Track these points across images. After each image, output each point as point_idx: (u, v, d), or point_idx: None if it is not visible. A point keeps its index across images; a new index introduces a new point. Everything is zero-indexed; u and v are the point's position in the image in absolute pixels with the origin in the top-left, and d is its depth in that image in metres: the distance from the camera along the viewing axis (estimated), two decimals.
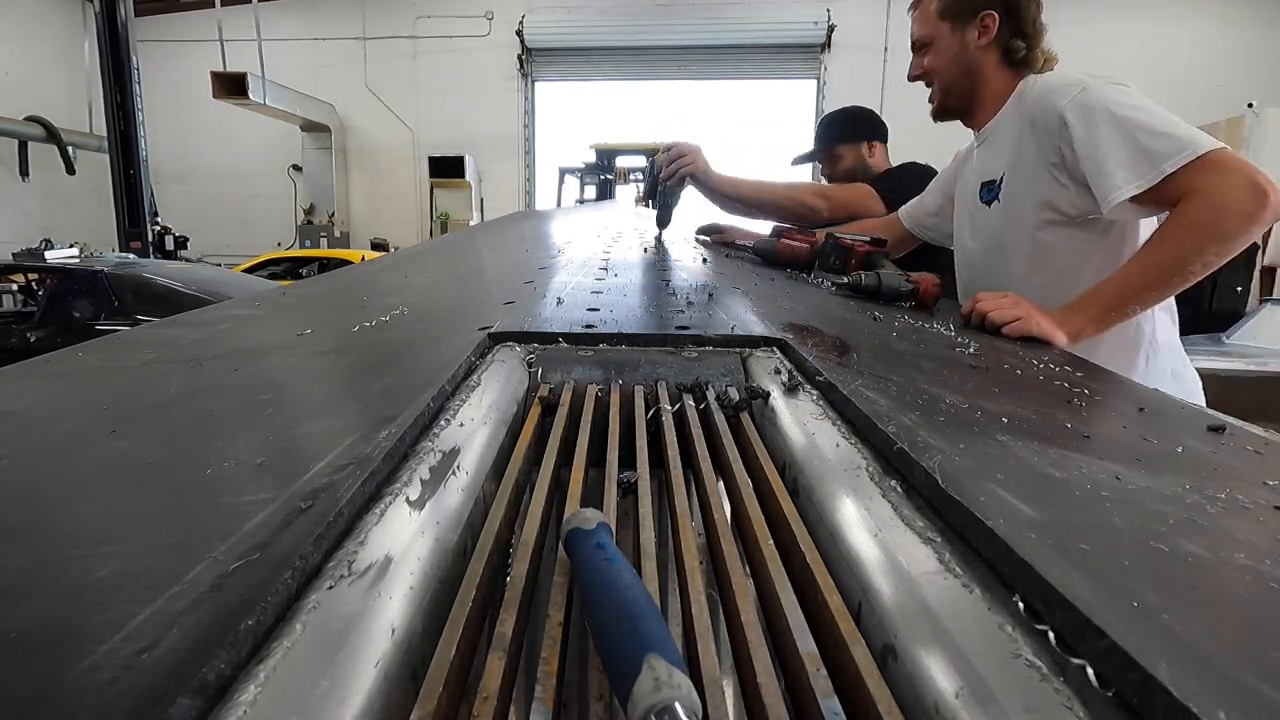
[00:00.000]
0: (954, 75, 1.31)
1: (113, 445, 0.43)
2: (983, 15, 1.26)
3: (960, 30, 1.28)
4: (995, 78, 1.29)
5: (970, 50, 1.28)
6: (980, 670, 0.27)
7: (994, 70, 1.29)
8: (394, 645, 0.29)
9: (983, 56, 1.28)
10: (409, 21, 10.22)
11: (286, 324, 0.86)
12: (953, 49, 1.30)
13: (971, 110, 1.35)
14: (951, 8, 1.28)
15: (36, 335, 4.30)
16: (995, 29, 1.26)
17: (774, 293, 1.14)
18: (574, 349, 0.72)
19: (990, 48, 1.27)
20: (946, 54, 1.31)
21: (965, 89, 1.32)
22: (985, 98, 1.32)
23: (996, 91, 1.30)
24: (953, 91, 1.33)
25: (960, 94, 1.33)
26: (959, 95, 1.33)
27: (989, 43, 1.27)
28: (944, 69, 1.32)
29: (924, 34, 1.33)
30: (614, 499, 0.46)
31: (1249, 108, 7.22)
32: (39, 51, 9.80)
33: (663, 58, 10.16)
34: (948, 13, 1.29)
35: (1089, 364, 0.78)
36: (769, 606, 0.36)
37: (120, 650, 0.23)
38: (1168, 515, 0.38)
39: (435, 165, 9.95)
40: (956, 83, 1.32)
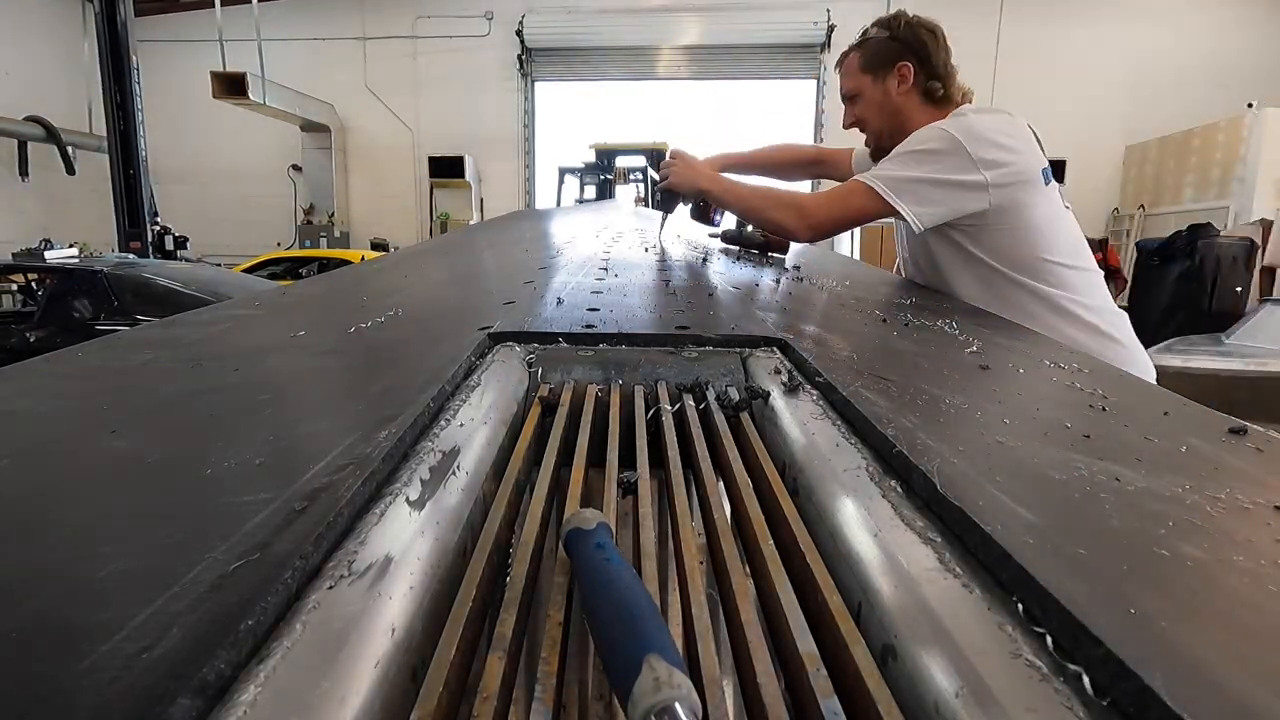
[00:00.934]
0: (882, 121, 1.46)
1: (113, 445, 0.43)
2: (898, 66, 1.40)
3: (881, 81, 1.43)
4: (919, 117, 1.41)
5: (893, 97, 1.43)
6: (980, 670, 0.27)
7: (917, 111, 1.42)
8: (394, 645, 0.29)
9: (905, 101, 1.42)
10: (409, 21, 10.22)
11: (286, 324, 0.86)
12: (877, 98, 1.44)
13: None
14: (871, 62, 1.43)
15: (36, 335, 4.29)
16: (912, 77, 1.40)
17: (773, 291, 1.15)
18: (574, 349, 0.72)
19: (911, 92, 1.42)
20: (873, 103, 1.45)
21: (894, 130, 1.44)
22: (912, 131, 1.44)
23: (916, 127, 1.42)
24: (884, 134, 1.47)
25: (891, 134, 1.44)
26: (890, 135, 1.44)
27: (909, 89, 1.41)
28: (873, 118, 1.47)
29: (851, 87, 1.48)
30: (614, 499, 0.46)
31: (1249, 107, 7.22)
32: (39, 51, 9.80)
33: (662, 58, 10.16)
34: (868, 67, 1.44)
35: (1095, 361, 0.77)
36: (769, 606, 0.36)
37: (120, 650, 0.23)
38: (1167, 517, 0.38)
39: (435, 165, 9.95)
40: (885, 125, 1.46)
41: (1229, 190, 7.39)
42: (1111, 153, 9.13)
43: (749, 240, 1.73)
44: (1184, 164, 8.11)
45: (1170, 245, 6.54)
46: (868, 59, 1.44)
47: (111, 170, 6.79)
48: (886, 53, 1.41)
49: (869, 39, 1.45)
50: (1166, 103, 8.74)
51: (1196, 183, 7.92)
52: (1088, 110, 8.96)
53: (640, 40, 9.99)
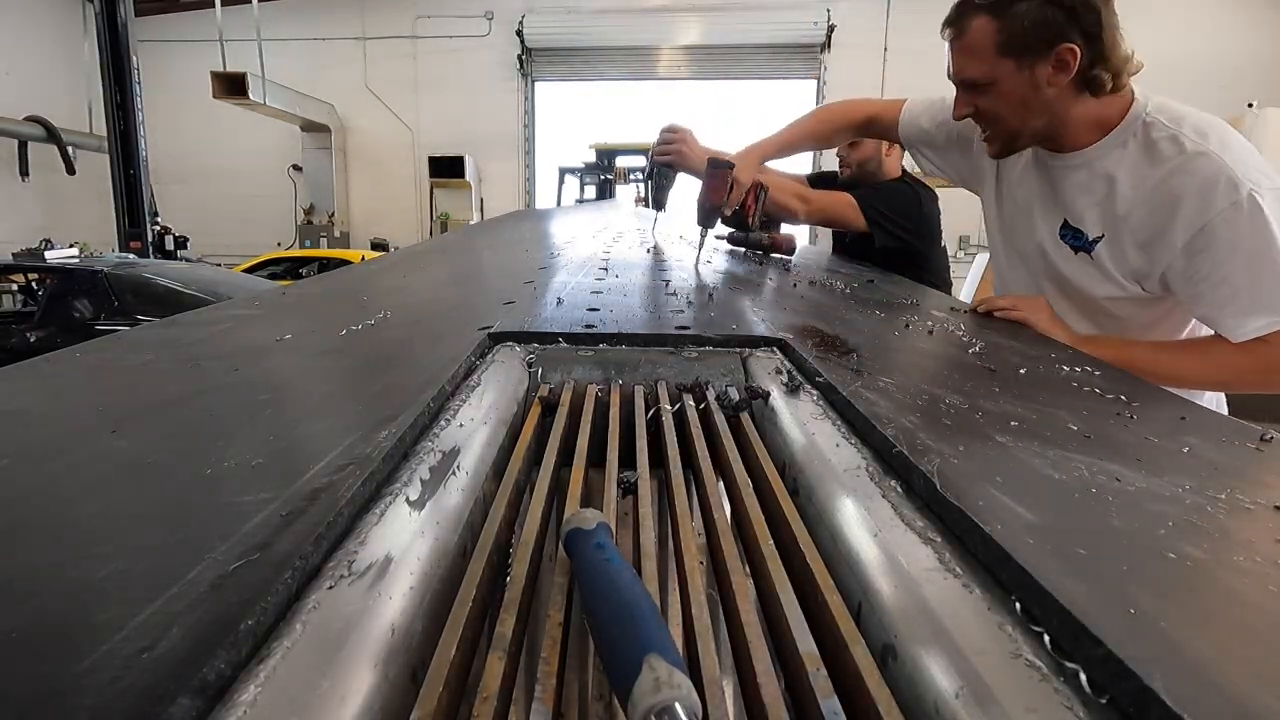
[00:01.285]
0: (1024, 119, 1.08)
1: (113, 445, 0.43)
2: (1058, 49, 1.00)
3: (1029, 68, 1.03)
4: (1077, 108, 1.06)
5: (1043, 90, 1.04)
6: (980, 670, 0.27)
7: (1074, 105, 1.05)
8: (394, 645, 0.29)
9: (1059, 94, 1.04)
10: (409, 21, 10.21)
11: (286, 324, 0.86)
12: (1020, 91, 1.05)
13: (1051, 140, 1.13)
14: (1017, 42, 1.02)
15: (36, 335, 4.29)
16: (1076, 62, 1.01)
17: (776, 291, 1.15)
18: (574, 349, 0.72)
19: (1070, 86, 1.03)
20: (1013, 97, 1.06)
21: (1039, 131, 1.09)
22: (1066, 124, 1.09)
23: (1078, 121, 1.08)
24: (1023, 135, 1.11)
25: (1033, 136, 1.11)
26: (1031, 137, 1.12)
27: (1069, 80, 1.02)
28: (1009, 114, 1.08)
29: (979, 73, 1.07)
30: (614, 499, 0.46)
31: (1249, 107, 7.21)
32: (39, 51, 9.79)
33: (662, 58, 10.15)
34: (1011, 47, 1.02)
35: (1094, 360, 0.77)
36: (769, 606, 0.36)
37: (120, 650, 0.23)
38: (1167, 517, 0.38)
39: (435, 165, 9.94)
40: (1028, 124, 1.09)
41: None
42: None
43: (754, 242, 1.73)
44: None
45: None
46: (1013, 36, 1.01)
47: (111, 170, 6.79)
48: (1044, 27, 0.99)
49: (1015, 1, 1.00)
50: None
51: None
52: None
53: (640, 40, 9.99)
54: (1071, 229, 1.15)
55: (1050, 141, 1.13)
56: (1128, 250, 1.07)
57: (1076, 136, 1.10)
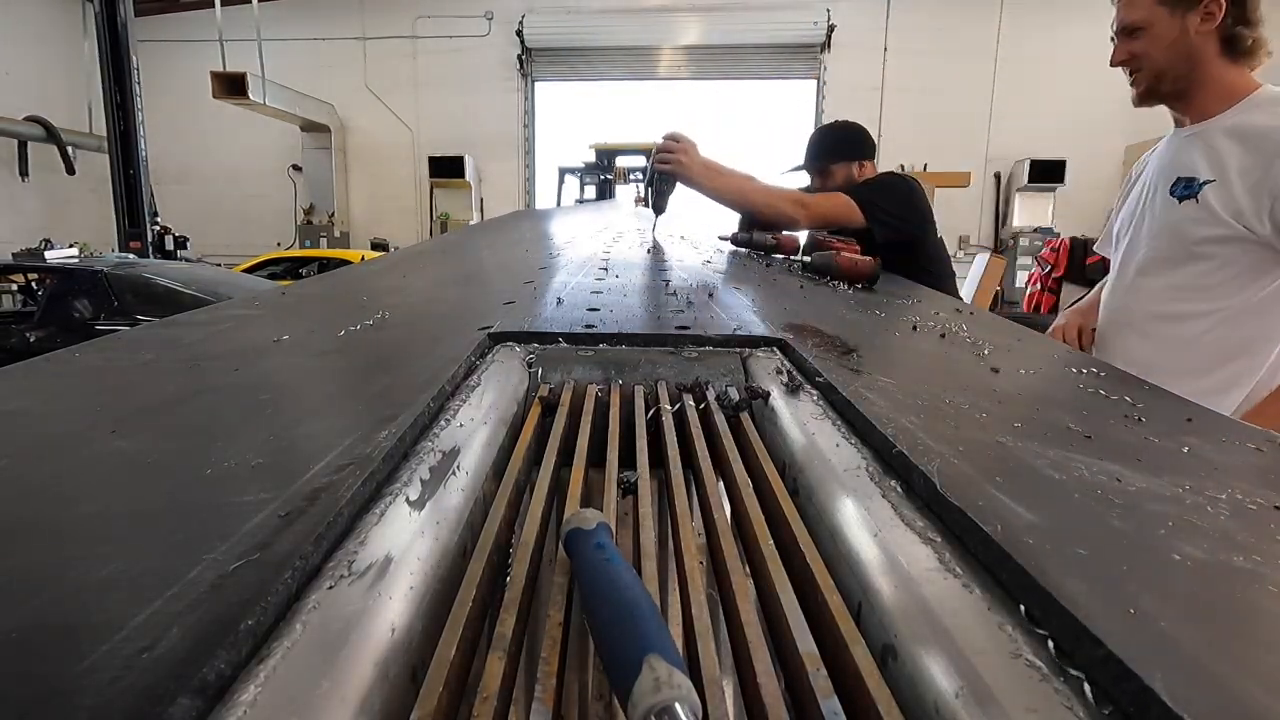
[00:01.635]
0: (1170, 62, 1.26)
1: (113, 445, 0.43)
2: (1207, 1, 1.20)
3: (1180, 15, 1.22)
4: (1214, 66, 1.23)
5: (1190, 36, 1.22)
6: (980, 670, 0.27)
7: (1213, 59, 1.23)
8: (394, 645, 0.29)
9: (1203, 44, 1.22)
10: (409, 21, 10.21)
11: (286, 324, 0.86)
12: (1170, 34, 1.23)
13: (1184, 98, 1.30)
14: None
15: (36, 335, 4.29)
16: (1220, 15, 1.20)
17: (775, 290, 1.14)
18: (574, 349, 0.72)
19: (1212, 35, 1.22)
20: (1163, 40, 1.24)
21: (1180, 76, 1.26)
22: (1201, 87, 1.26)
23: (1214, 81, 1.25)
24: (1166, 77, 1.28)
25: (1174, 80, 1.28)
26: (1173, 81, 1.28)
27: (1211, 29, 1.21)
28: (1158, 55, 1.26)
29: (1138, 18, 1.27)
30: (614, 499, 0.46)
31: None
32: (39, 51, 9.79)
33: (662, 58, 10.15)
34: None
35: (1096, 361, 0.77)
36: (769, 606, 0.36)
37: (120, 650, 0.23)
38: (1167, 517, 0.38)
39: (435, 165, 9.94)
40: (1172, 69, 1.26)
41: None
42: (1111, 153, 9.12)
43: (758, 243, 1.72)
44: None
45: None
46: None
47: (111, 170, 6.79)
48: None
49: None
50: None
51: None
52: (1088, 110, 8.94)
53: (640, 40, 9.99)
54: (1183, 180, 1.28)
55: (1184, 102, 1.30)
56: (1235, 191, 1.19)
57: (1206, 103, 1.26)
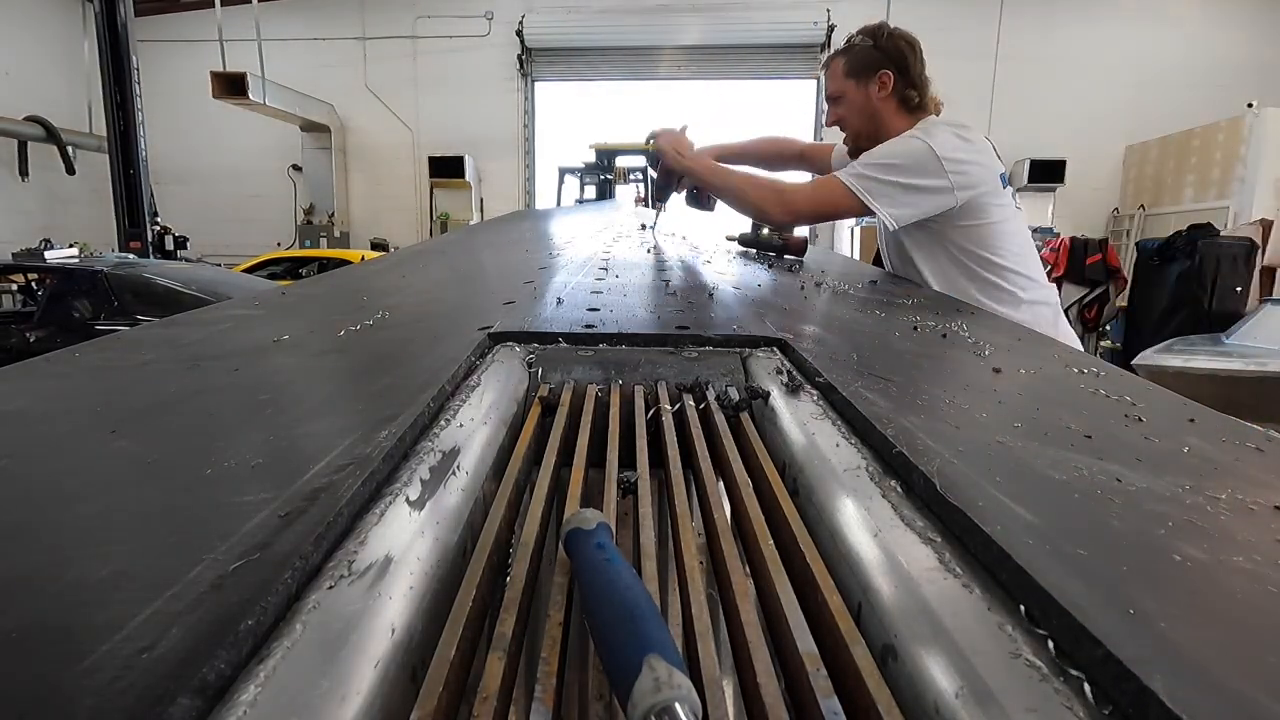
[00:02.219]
0: (862, 122, 1.61)
1: (113, 445, 0.43)
2: (879, 74, 1.55)
3: (864, 86, 1.58)
4: (895, 121, 1.57)
5: (873, 101, 1.57)
6: (980, 670, 0.27)
7: (894, 115, 1.57)
8: (394, 645, 0.29)
9: (883, 105, 1.57)
10: (409, 21, 10.20)
11: (286, 324, 0.86)
12: (859, 101, 1.59)
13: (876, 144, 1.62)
14: (854, 68, 1.58)
15: (36, 335, 4.29)
16: (891, 84, 1.55)
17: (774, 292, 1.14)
18: (574, 349, 0.72)
19: (889, 98, 1.57)
20: (855, 105, 1.60)
21: (872, 132, 1.60)
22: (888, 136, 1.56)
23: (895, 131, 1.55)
24: (862, 134, 1.62)
25: (869, 136, 1.60)
26: (868, 137, 1.60)
27: (887, 95, 1.56)
28: (852, 117, 1.62)
29: (835, 89, 1.63)
30: (614, 499, 0.46)
31: (1249, 107, 7.22)
32: (39, 51, 9.78)
33: (663, 58, 10.14)
34: (852, 72, 1.59)
35: (1096, 361, 0.77)
36: (769, 606, 0.36)
37: (120, 650, 0.23)
38: (1167, 517, 0.38)
39: (435, 165, 9.93)
40: (864, 127, 1.61)
41: (1229, 190, 7.39)
42: (1111, 153, 9.12)
43: (766, 243, 1.77)
44: (1184, 164, 8.10)
45: (1170, 245, 6.53)
46: (851, 65, 1.58)
47: (111, 170, 6.79)
48: (870, 60, 1.56)
49: (854, 46, 1.60)
50: (1166, 103, 8.73)
51: (1196, 183, 7.91)
52: (1088, 110, 8.94)
53: (640, 40, 9.98)
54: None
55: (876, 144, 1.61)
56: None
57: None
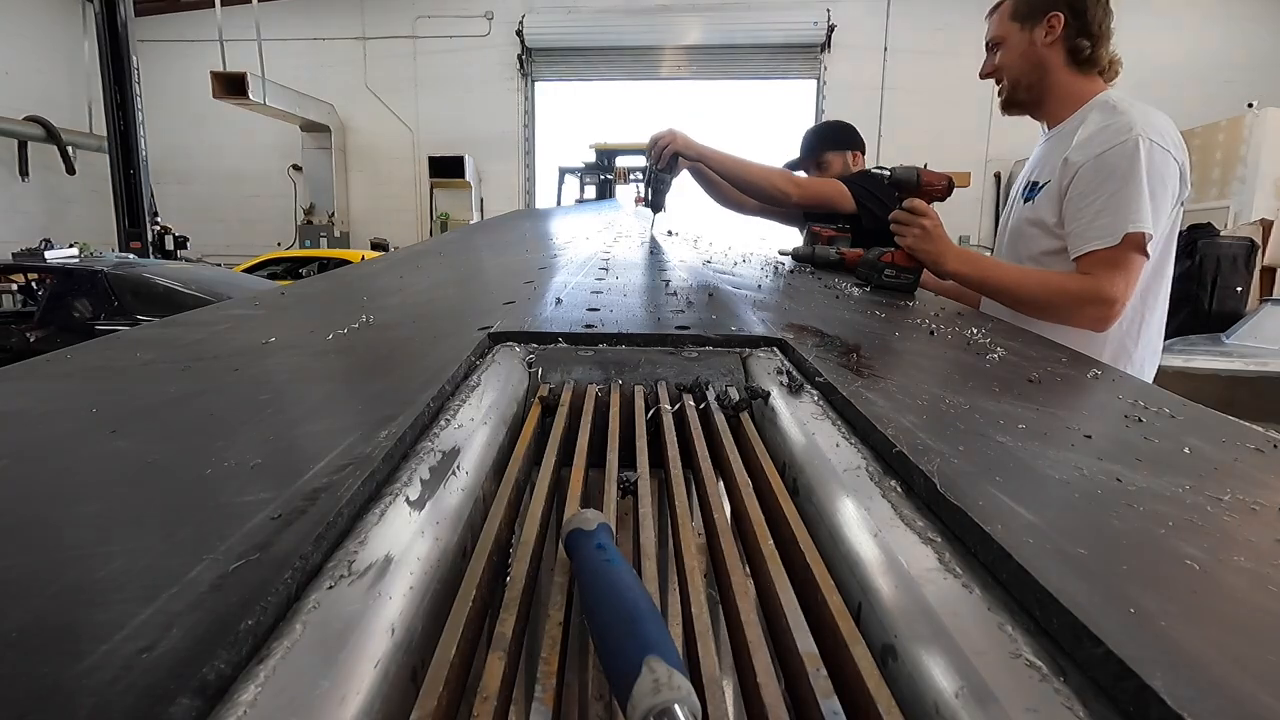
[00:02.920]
0: (1021, 70, 1.41)
1: (113, 445, 0.43)
2: (1049, 16, 1.35)
3: (1029, 29, 1.38)
4: (1061, 75, 1.38)
5: (1038, 47, 1.38)
6: (980, 670, 0.27)
7: (1060, 68, 1.38)
8: (394, 645, 0.29)
9: (1049, 54, 1.37)
10: (409, 21, 10.21)
11: (286, 324, 0.86)
12: (1021, 46, 1.40)
13: (1039, 105, 1.44)
14: (1021, 9, 1.39)
15: (36, 335, 4.29)
16: (1061, 28, 1.35)
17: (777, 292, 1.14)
18: (574, 349, 0.72)
19: (1056, 46, 1.36)
20: (1015, 50, 1.41)
21: (1032, 83, 1.41)
22: (1053, 94, 1.41)
23: (1064, 88, 1.39)
24: (1020, 85, 1.43)
25: (1027, 87, 1.42)
26: (1026, 89, 1.43)
27: (1055, 40, 1.36)
28: (1012, 64, 1.42)
29: (997, 34, 1.44)
30: (614, 499, 0.46)
31: (1249, 107, 7.21)
32: (39, 51, 9.79)
33: (663, 58, 10.15)
34: (1018, 14, 1.40)
35: (1093, 361, 0.77)
36: (769, 606, 0.36)
37: (121, 650, 0.23)
38: (1167, 517, 0.38)
39: (435, 165, 9.94)
40: (1024, 77, 1.42)
41: (1229, 190, 7.39)
42: None
43: (821, 258, 1.62)
44: None
45: None
46: (1019, 4, 1.40)
47: (111, 170, 6.79)
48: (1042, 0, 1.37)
49: None
50: (1167, 103, 8.68)
51: (1197, 183, 7.90)
52: None
53: (640, 40, 9.99)
54: (1031, 183, 1.42)
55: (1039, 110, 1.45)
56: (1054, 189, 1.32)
57: (1056, 110, 1.41)
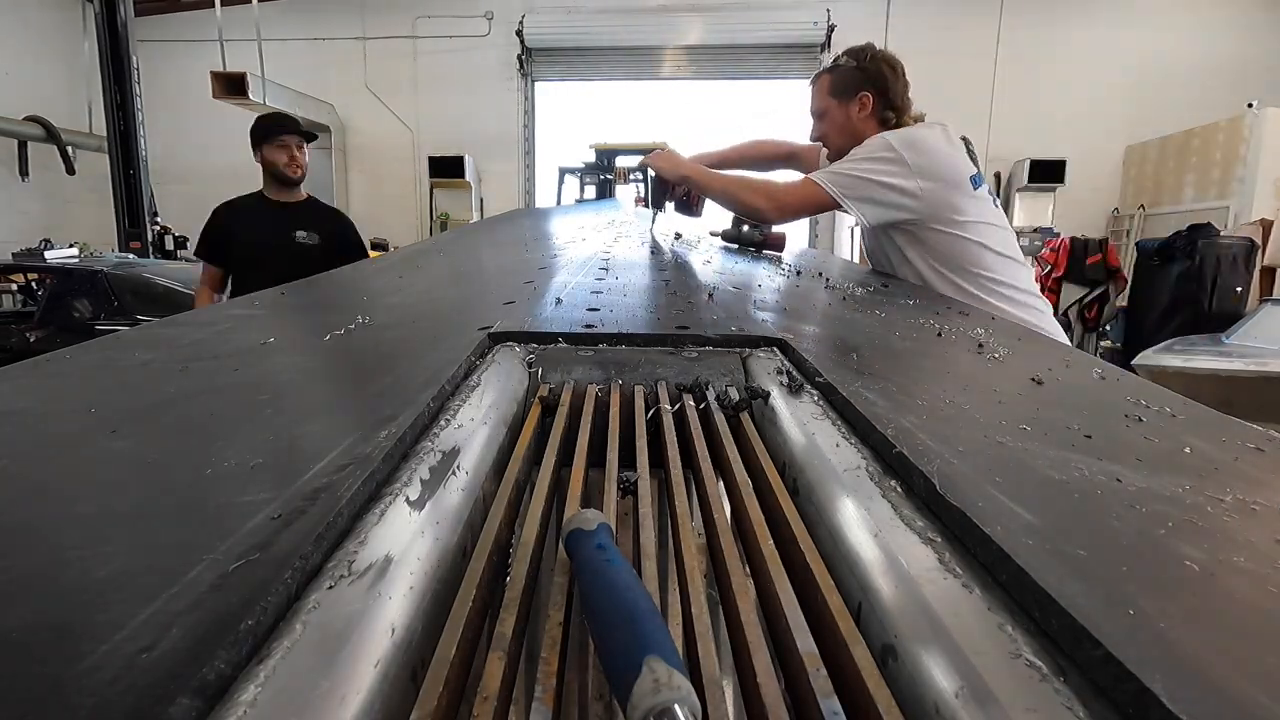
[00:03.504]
0: (843, 140, 1.68)
1: (113, 445, 0.43)
2: (860, 95, 1.64)
3: (845, 105, 1.66)
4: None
5: (853, 120, 1.66)
6: (980, 670, 0.27)
7: (872, 134, 1.61)
8: (394, 645, 0.29)
9: (863, 124, 1.65)
10: (409, 21, 10.20)
11: (286, 324, 0.86)
12: (840, 119, 1.68)
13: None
14: (837, 87, 1.67)
15: (36, 335, 4.29)
16: (871, 105, 1.63)
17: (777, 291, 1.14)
18: (574, 349, 0.72)
19: (870, 118, 1.65)
20: (836, 123, 1.69)
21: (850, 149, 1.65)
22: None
23: None
24: (843, 151, 1.66)
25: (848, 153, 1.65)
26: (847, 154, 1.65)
27: (868, 115, 1.64)
28: (834, 134, 1.71)
29: (819, 106, 1.72)
30: (614, 499, 0.46)
31: (1249, 107, 7.22)
32: (39, 51, 9.78)
33: (662, 58, 10.15)
34: (834, 92, 1.67)
35: (1096, 360, 0.77)
36: (769, 606, 0.36)
37: (120, 650, 0.23)
38: (1167, 517, 0.38)
39: (435, 165, 9.93)
40: (845, 145, 1.67)
41: (1229, 190, 7.38)
42: (1111, 153, 9.11)
43: (747, 238, 1.87)
44: (1184, 164, 8.10)
45: (1170, 245, 6.53)
46: (835, 84, 1.67)
47: (111, 170, 6.79)
48: (852, 81, 1.64)
49: (839, 66, 1.68)
50: (1166, 103, 8.72)
51: (1196, 183, 7.91)
52: (1088, 110, 8.93)
53: (640, 40, 9.98)
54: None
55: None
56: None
57: None
